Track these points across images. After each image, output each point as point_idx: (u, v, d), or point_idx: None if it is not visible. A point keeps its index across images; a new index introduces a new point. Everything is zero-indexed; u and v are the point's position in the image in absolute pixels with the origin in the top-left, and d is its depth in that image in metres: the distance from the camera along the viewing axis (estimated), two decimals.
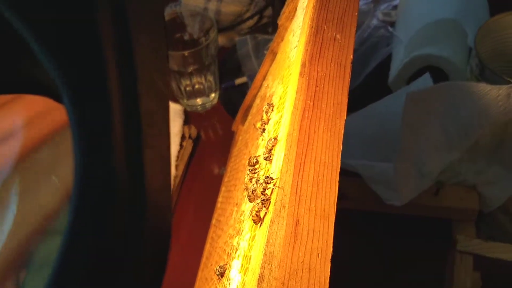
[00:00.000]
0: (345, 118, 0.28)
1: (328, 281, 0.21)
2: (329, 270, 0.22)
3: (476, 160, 0.53)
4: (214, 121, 0.76)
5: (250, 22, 0.85)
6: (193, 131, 0.69)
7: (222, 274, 0.30)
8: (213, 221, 0.57)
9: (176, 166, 0.64)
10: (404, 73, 0.65)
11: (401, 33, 0.71)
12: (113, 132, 0.12)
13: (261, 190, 0.24)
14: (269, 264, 0.21)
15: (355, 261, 0.57)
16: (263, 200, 0.24)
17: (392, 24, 0.78)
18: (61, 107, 0.15)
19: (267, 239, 0.22)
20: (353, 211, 0.59)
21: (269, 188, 0.24)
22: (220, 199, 0.59)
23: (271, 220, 0.22)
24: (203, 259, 0.53)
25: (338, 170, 0.26)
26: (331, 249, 0.22)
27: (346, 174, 0.59)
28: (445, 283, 0.48)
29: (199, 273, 0.51)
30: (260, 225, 0.24)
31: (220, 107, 0.78)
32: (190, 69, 0.71)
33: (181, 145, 0.66)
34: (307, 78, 0.29)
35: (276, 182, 0.24)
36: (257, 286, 0.21)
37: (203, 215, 0.62)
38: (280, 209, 0.23)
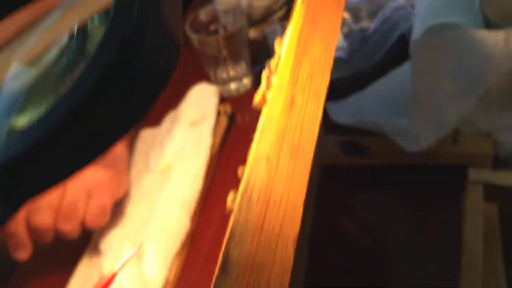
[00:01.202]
0: (338, 34, 0.33)
1: (316, 138, 0.27)
2: (318, 130, 0.27)
3: (489, 107, 0.56)
4: (248, 102, 0.82)
5: (280, 13, 0.92)
6: (228, 108, 0.76)
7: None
8: None
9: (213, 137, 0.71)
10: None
11: (420, 9, 0.76)
12: None
13: (266, 76, 0.29)
14: (268, 123, 0.27)
15: (380, 213, 0.61)
16: (267, 84, 0.29)
17: (414, 6, 0.82)
18: None
19: (268, 107, 0.28)
20: (376, 168, 0.63)
21: (272, 75, 0.30)
22: None
23: (272, 96, 0.28)
24: None
25: (331, 66, 0.31)
26: (321, 116, 0.28)
27: (368, 134, 0.63)
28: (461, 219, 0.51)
29: None
30: (264, 106, 0.30)
31: (253, 91, 0.84)
32: (224, 54, 0.78)
33: (217, 121, 0.73)
34: (306, 5, 0.34)
35: (277, 70, 0.29)
36: (257, 141, 0.26)
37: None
38: (279, 88, 0.28)
